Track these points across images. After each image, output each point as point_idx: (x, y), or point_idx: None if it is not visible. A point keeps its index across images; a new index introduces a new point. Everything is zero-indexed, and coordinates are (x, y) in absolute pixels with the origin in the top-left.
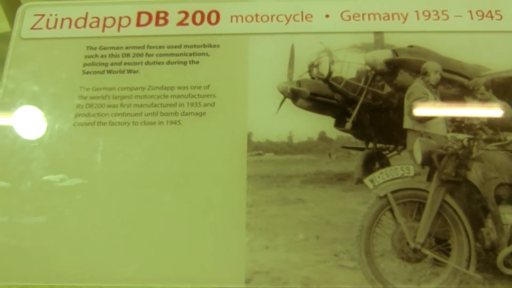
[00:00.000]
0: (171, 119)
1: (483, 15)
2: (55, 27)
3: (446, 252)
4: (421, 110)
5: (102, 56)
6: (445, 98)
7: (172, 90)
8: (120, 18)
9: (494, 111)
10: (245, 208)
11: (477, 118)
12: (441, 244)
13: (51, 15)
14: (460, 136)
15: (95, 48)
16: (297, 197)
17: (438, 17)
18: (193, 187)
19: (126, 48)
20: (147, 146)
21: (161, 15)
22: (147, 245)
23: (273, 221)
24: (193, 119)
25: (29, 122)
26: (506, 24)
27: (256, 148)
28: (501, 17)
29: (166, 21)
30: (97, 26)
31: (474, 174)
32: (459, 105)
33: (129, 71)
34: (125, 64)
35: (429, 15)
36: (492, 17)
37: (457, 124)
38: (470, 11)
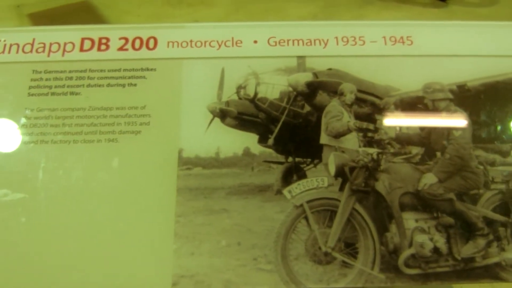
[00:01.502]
0: (109, 137)
1: (395, 40)
2: (3, 52)
3: (354, 255)
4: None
5: (46, 79)
6: (358, 116)
7: (110, 111)
8: (65, 44)
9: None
10: (174, 218)
11: (386, 133)
12: (350, 247)
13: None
14: (371, 150)
15: (40, 72)
16: (222, 207)
17: (356, 43)
18: (127, 200)
19: (70, 71)
20: (86, 163)
21: (103, 41)
22: (84, 255)
23: (199, 230)
24: (129, 137)
25: None
26: (416, 49)
27: (186, 163)
28: (412, 43)
29: (108, 47)
30: (43, 51)
31: (381, 184)
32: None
33: (72, 93)
34: (68, 86)
35: (347, 41)
36: (403, 42)
37: (368, 140)
38: (384, 37)
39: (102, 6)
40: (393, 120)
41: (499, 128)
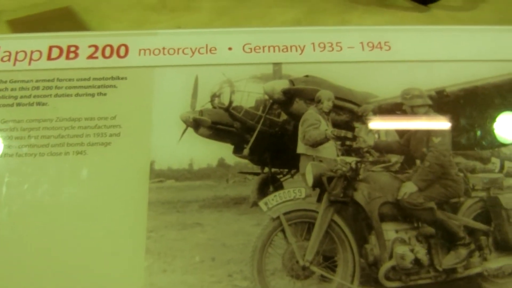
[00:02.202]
0: (77, 149)
1: (373, 46)
2: None
3: (333, 268)
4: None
5: (12, 89)
6: (337, 124)
7: (79, 121)
8: (32, 52)
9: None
10: (145, 234)
11: (365, 142)
12: (328, 261)
13: None
14: (349, 159)
15: (5, 82)
16: (195, 221)
17: (333, 49)
18: (96, 215)
19: (36, 81)
20: (53, 176)
21: (72, 49)
22: (51, 273)
23: (172, 245)
24: (98, 149)
25: None
26: (394, 55)
27: (158, 176)
28: (390, 48)
29: (77, 55)
30: (9, 60)
31: (360, 194)
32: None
33: (38, 104)
34: (34, 96)
35: (324, 47)
36: (381, 48)
37: (346, 148)
38: (362, 43)
39: (83, 12)
40: (372, 128)
41: (479, 134)
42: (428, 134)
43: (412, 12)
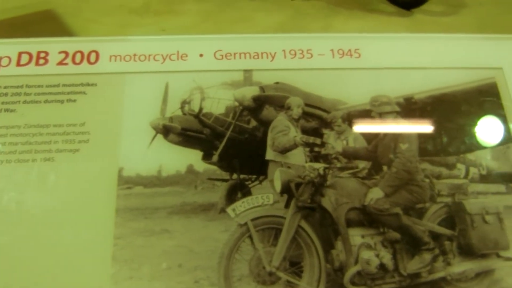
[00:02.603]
0: (45, 156)
1: (343, 53)
2: None
3: (299, 273)
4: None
5: None
6: (306, 130)
7: (47, 128)
8: (0, 58)
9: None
10: (112, 241)
11: (333, 148)
12: (295, 266)
13: None
14: (317, 165)
15: None
16: (163, 228)
17: (303, 56)
18: (63, 222)
19: (5, 87)
20: (20, 183)
21: (42, 55)
22: (18, 279)
23: (139, 252)
24: (66, 155)
25: None
26: (363, 62)
27: (127, 182)
28: (360, 55)
29: (47, 61)
30: None
31: (328, 200)
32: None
33: (6, 110)
34: (2, 103)
35: (295, 54)
36: (351, 55)
37: (315, 154)
38: (332, 50)
39: (66, 15)
40: (340, 134)
41: (445, 140)
42: (395, 141)
43: (395, 17)
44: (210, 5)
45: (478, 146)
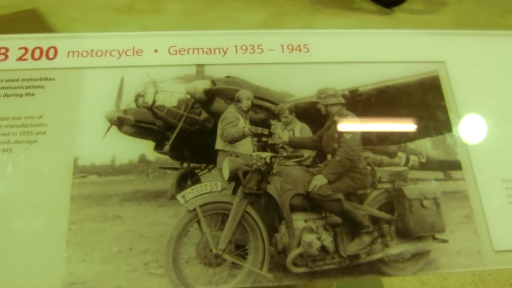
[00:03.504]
0: (3, 147)
1: (293, 48)
2: None
3: (244, 256)
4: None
5: None
6: (254, 121)
7: (6, 121)
8: None
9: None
10: (67, 226)
11: (280, 138)
12: (240, 249)
13: None
14: (264, 154)
15: None
16: (115, 214)
17: (254, 51)
18: (20, 210)
19: None
20: None
21: (2, 50)
22: None
23: (92, 237)
24: (24, 146)
25: None
26: (312, 56)
27: (81, 172)
28: (308, 50)
29: (6, 57)
30: None
31: (273, 187)
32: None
33: None
34: None
35: (246, 49)
36: (300, 50)
37: (262, 144)
38: (282, 45)
39: (49, 14)
40: (287, 125)
41: (387, 130)
42: (340, 131)
43: (376, 15)
44: (194, 4)
45: (419, 136)
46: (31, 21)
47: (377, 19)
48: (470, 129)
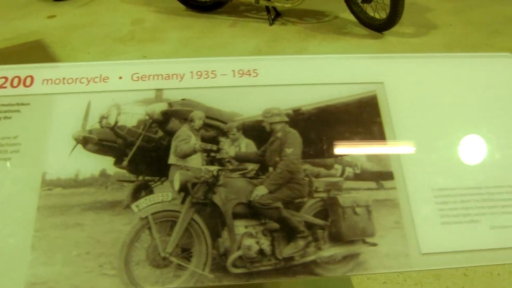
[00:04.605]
0: None
1: (243, 73)
2: None
3: (189, 258)
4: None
5: None
6: (205, 139)
7: None
8: None
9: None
10: (32, 233)
11: (227, 153)
12: (186, 252)
13: None
14: (212, 167)
15: None
16: (76, 222)
17: (208, 76)
18: None
19: None
20: None
21: None
22: None
23: (54, 243)
24: (0, 164)
25: None
26: (260, 80)
27: (48, 185)
28: (257, 74)
29: None
30: None
31: (218, 197)
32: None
33: None
34: None
35: (201, 75)
36: (250, 74)
37: (211, 159)
38: (234, 71)
39: (54, 45)
40: (234, 141)
41: (325, 145)
42: (282, 146)
43: (367, 39)
44: (191, 32)
45: (355, 149)
46: (37, 52)
47: (368, 43)
48: (403, 143)
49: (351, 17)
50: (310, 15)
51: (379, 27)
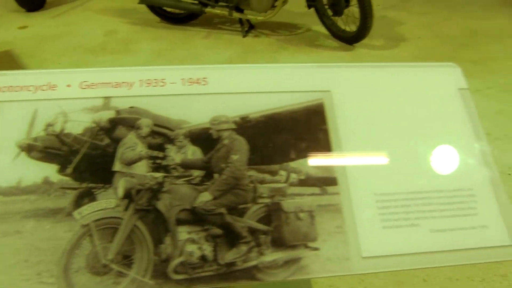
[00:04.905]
0: None
1: (193, 81)
2: None
3: (130, 265)
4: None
5: None
6: (151, 146)
7: None
8: None
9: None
10: None
11: (173, 160)
12: (127, 259)
13: None
14: (157, 174)
15: None
16: (16, 230)
17: (157, 84)
18: None
19: None
20: None
21: None
22: None
23: None
24: None
25: None
26: (210, 88)
27: None
28: (207, 83)
29: None
30: None
31: (162, 203)
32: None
33: None
34: None
35: (150, 83)
36: (199, 83)
37: (156, 166)
38: (183, 79)
39: (23, 56)
40: (180, 148)
41: (271, 151)
42: (228, 152)
43: (338, 51)
44: (164, 44)
45: (301, 156)
46: (5, 62)
47: (340, 55)
48: (348, 149)
49: (323, 30)
50: (283, 28)
51: (350, 39)
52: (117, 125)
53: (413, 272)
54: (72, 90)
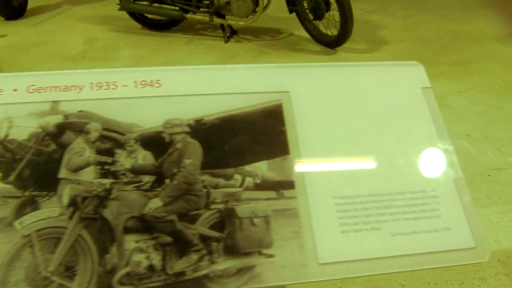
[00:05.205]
0: None
1: (146, 84)
2: None
3: (72, 277)
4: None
5: None
6: (100, 151)
7: None
8: None
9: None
10: None
11: (122, 165)
12: (69, 271)
13: None
14: (105, 181)
15: None
16: None
17: (109, 87)
18: None
19: None
20: None
21: None
22: None
23: None
24: None
25: None
26: (164, 90)
27: None
28: (160, 85)
29: None
30: None
31: (109, 211)
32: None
33: None
34: None
35: (101, 86)
36: (153, 85)
37: (104, 172)
38: (136, 82)
39: (3, 64)
40: (131, 153)
41: (226, 154)
42: (181, 157)
43: (321, 55)
44: (145, 50)
45: (257, 159)
46: None
47: (322, 59)
48: (306, 151)
49: (305, 34)
50: (265, 33)
51: (332, 43)
52: (65, 130)
53: (390, 276)
54: (19, 94)
